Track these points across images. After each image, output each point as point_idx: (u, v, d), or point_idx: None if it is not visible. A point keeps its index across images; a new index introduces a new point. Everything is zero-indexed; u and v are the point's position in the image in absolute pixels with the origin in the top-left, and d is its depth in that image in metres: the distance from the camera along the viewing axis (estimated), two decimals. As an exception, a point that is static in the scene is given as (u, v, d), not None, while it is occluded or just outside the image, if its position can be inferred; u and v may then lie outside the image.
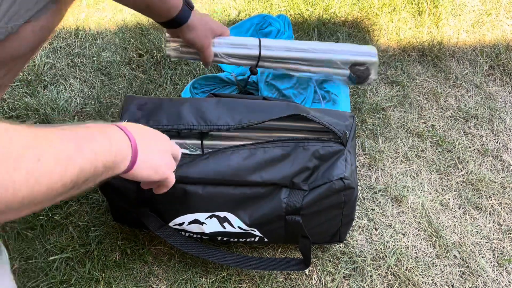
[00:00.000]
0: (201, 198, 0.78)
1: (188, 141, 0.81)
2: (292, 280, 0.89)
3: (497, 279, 0.91)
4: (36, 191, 0.39)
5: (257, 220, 0.80)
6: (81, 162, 0.45)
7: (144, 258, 0.91)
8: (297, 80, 1.11)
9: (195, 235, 0.85)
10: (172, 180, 0.66)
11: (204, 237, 0.86)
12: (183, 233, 0.85)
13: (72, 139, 0.45)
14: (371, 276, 0.90)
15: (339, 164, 0.78)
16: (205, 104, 0.82)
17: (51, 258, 0.90)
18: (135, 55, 1.25)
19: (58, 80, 1.19)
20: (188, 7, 0.87)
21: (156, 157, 0.63)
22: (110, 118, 1.12)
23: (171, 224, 0.82)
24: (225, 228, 0.82)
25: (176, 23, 0.87)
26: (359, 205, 1.00)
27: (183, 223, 0.81)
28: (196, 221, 0.81)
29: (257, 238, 0.85)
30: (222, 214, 0.79)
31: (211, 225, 0.81)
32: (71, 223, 0.95)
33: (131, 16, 1.35)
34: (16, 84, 1.17)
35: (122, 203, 0.82)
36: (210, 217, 0.80)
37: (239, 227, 0.81)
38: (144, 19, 1.34)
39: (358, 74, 1.02)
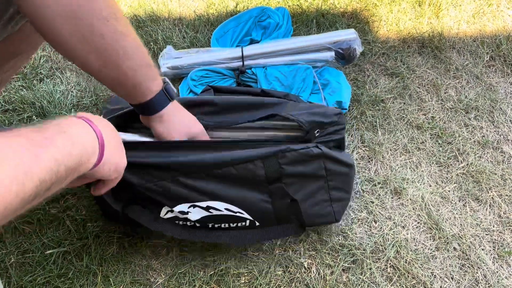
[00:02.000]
0: (178, 191, 0.79)
1: None
2: (291, 273, 0.89)
3: (497, 271, 0.91)
4: None
5: (241, 198, 0.81)
6: (40, 174, 0.41)
7: (142, 251, 0.90)
8: (296, 71, 1.10)
9: (188, 223, 0.85)
10: (118, 180, 0.65)
11: (197, 224, 0.85)
12: (177, 221, 0.84)
13: (28, 149, 0.41)
14: (370, 268, 0.89)
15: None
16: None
17: (48, 252, 0.89)
18: (132, 48, 1.24)
19: (54, 73, 1.18)
20: (167, 95, 0.74)
21: (118, 154, 0.60)
22: (107, 111, 1.11)
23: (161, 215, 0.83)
24: (211, 212, 0.81)
25: (147, 109, 0.74)
26: (358, 198, 0.99)
27: (172, 210, 0.82)
28: (181, 213, 0.81)
29: (248, 222, 0.85)
30: (204, 204, 0.80)
31: (196, 213, 0.81)
32: (68, 216, 0.94)
33: (127, 8, 1.34)
34: (12, 77, 1.16)
35: (106, 203, 0.81)
36: (193, 206, 0.80)
37: (226, 209, 0.81)
38: (140, 11, 1.32)
39: (343, 53, 1.10)
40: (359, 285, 0.87)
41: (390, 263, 0.91)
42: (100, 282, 0.86)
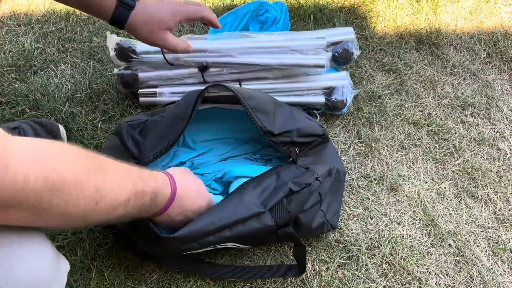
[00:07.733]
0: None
1: None
2: (286, 269, 0.88)
3: (492, 268, 0.91)
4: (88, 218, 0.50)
5: (249, 240, 0.81)
6: (131, 190, 0.55)
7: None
8: None
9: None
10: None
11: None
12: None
13: (130, 172, 0.58)
14: (366, 265, 0.89)
15: (306, 173, 0.82)
16: None
17: (42, 246, 0.88)
18: (127, 41, 1.22)
19: (48, 65, 1.17)
20: (125, 6, 0.78)
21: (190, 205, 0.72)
22: (101, 104, 1.10)
23: None
24: (217, 247, 0.81)
25: (116, 24, 0.80)
26: (354, 194, 0.99)
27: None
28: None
29: (250, 247, 0.87)
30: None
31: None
32: (62, 211, 0.93)
33: (123, 0, 1.32)
34: (5, 69, 1.14)
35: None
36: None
37: (233, 245, 0.81)
38: (136, 4, 1.31)
39: (340, 55, 1.06)
40: (354, 281, 0.87)
41: (385, 259, 0.91)
42: (95, 277, 0.85)
